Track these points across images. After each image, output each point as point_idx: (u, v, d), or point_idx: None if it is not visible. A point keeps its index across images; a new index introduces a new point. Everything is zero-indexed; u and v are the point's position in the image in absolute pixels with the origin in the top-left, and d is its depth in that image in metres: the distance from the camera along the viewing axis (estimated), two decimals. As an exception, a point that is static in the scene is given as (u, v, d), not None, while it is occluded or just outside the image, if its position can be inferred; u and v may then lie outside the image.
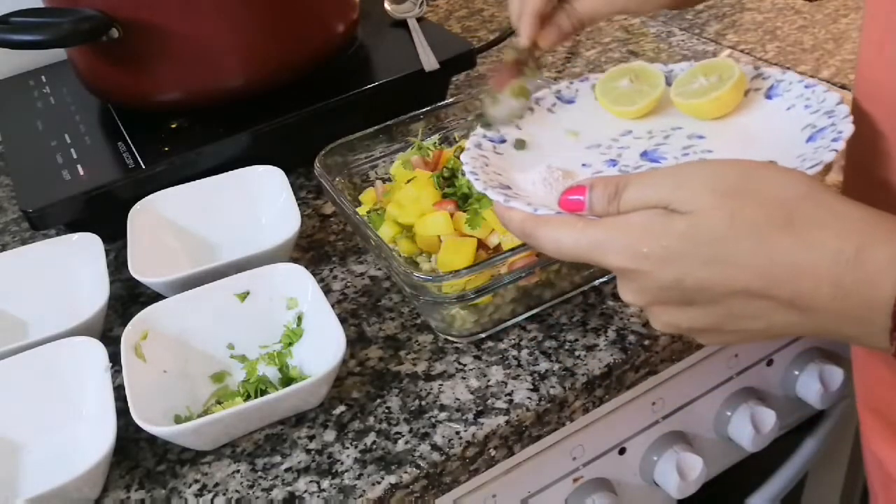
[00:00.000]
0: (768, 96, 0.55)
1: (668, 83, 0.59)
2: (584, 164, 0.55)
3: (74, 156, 0.75)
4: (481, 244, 0.59)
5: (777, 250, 0.37)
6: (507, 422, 0.55)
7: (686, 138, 0.54)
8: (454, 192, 0.63)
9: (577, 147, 0.57)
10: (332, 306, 0.57)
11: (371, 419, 0.56)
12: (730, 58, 0.59)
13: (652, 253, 0.39)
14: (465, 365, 0.59)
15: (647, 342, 0.59)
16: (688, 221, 0.39)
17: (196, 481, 0.53)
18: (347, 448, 0.54)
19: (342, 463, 0.53)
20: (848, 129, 0.47)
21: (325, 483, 0.52)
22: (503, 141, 0.58)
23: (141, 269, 0.62)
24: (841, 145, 0.46)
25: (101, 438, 0.51)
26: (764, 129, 0.53)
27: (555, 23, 0.58)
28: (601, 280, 0.64)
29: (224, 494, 0.52)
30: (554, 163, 0.54)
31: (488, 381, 0.57)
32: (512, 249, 0.56)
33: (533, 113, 0.60)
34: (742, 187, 0.39)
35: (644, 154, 0.54)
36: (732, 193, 0.38)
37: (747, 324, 0.40)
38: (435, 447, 0.53)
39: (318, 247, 0.72)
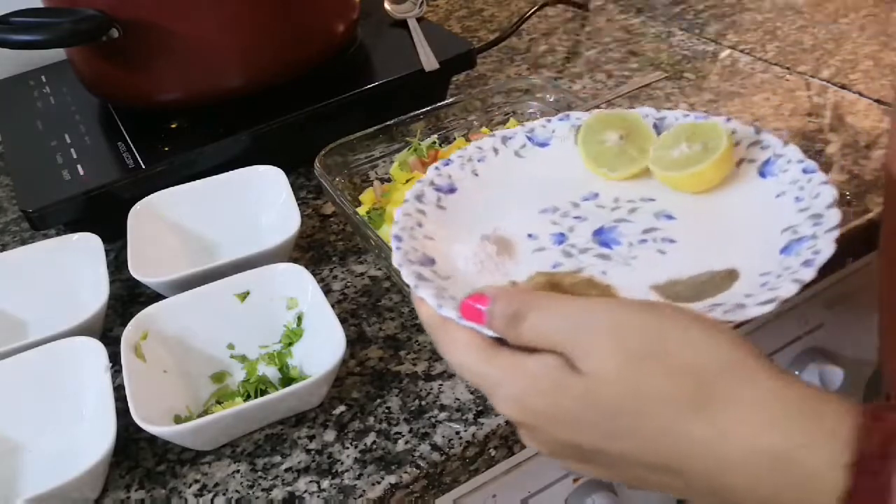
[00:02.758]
0: (762, 173, 0.48)
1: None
2: (529, 235, 0.48)
3: (74, 156, 0.75)
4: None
5: (686, 435, 0.33)
6: (508, 422, 0.55)
7: (653, 216, 0.48)
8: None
9: (532, 208, 0.50)
10: (332, 306, 0.57)
11: (371, 419, 0.56)
12: (724, 121, 0.49)
13: (545, 411, 0.35)
14: (465, 365, 0.59)
15: (647, 342, 0.59)
16: (586, 386, 0.34)
17: (196, 481, 0.53)
18: (347, 448, 0.54)
19: (342, 463, 0.53)
20: (828, 249, 0.40)
21: (325, 483, 0.52)
22: (452, 191, 0.52)
23: (141, 269, 0.62)
24: (810, 274, 0.39)
25: (101, 438, 0.50)
26: (744, 217, 0.46)
27: None
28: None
29: (224, 494, 0.52)
30: (500, 227, 0.49)
31: (488, 381, 0.57)
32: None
33: (497, 155, 0.54)
34: (651, 350, 0.33)
35: (598, 232, 0.47)
36: (640, 357, 0.33)
37: (650, 487, 0.36)
38: (435, 447, 0.53)
39: (318, 247, 0.72)
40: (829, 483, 0.31)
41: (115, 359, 0.55)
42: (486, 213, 0.50)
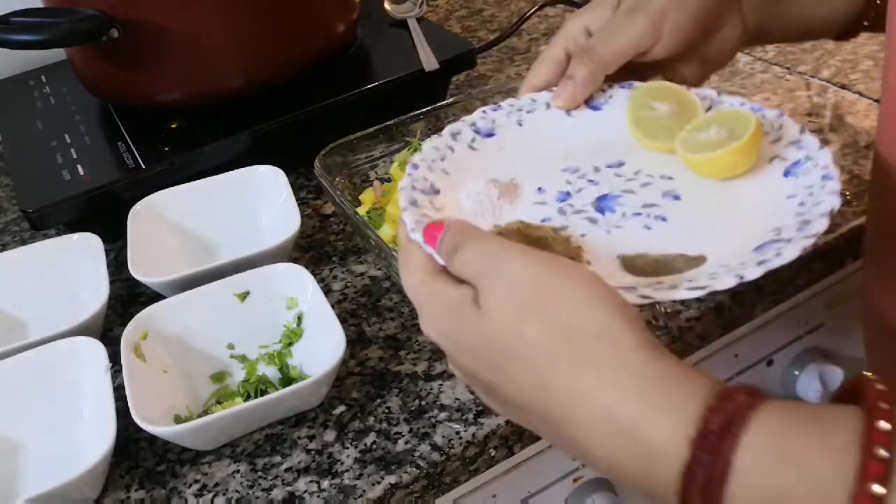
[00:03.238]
0: (786, 172, 0.47)
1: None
2: (539, 188, 0.49)
3: (74, 156, 0.75)
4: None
5: (552, 386, 0.35)
6: (507, 422, 0.55)
7: (661, 194, 0.48)
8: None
9: (556, 165, 0.51)
10: (332, 306, 0.57)
11: (371, 419, 0.56)
12: (778, 115, 0.49)
13: (451, 337, 0.39)
14: (465, 365, 0.59)
15: (647, 342, 0.59)
16: (479, 323, 0.37)
17: (196, 481, 0.53)
18: (347, 448, 0.54)
19: (342, 463, 0.53)
20: (790, 254, 0.39)
21: (325, 483, 0.52)
22: (490, 135, 0.53)
23: (141, 269, 0.62)
24: (756, 272, 0.39)
25: (101, 438, 0.50)
26: (747, 210, 0.46)
27: (571, 75, 0.53)
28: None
29: (224, 494, 0.52)
30: (517, 176, 0.50)
31: (488, 381, 0.57)
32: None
33: (548, 109, 0.55)
34: (536, 302, 0.35)
35: (601, 198, 0.48)
36: (524, 305, 0.35)
37: (535, 430, 0.39)
38: (435, 447, 0.53)
39: (318, 247, 0.72)
40: (672, 456, 0.32)
41: (115, 359, 0.55)
42: (511, 162, 0.51)
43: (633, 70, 0.55)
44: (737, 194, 0.47)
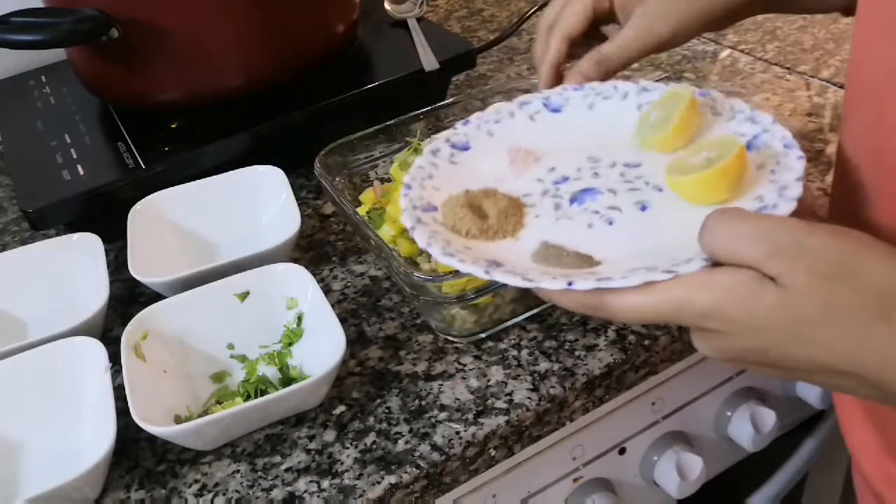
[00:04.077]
0: (748, 146, 0.49)
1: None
2: (552, 168, 0.53)
3: (74, 156, 0.75)
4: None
5: (868, 339, 0.37)
6: (507, 422, 0.55)
7: (633, 202, 0.49)
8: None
9: (582, 152, 0.54)
10: (332, 306, 0.57)
11: (371, 419, 0.56)
12: (713, 91, 0.52)
13: (739, 319, 0.38)
14: (465, 365, 0.59)
15: (646, 342, 0.59)
16: (780, 295, 0.37)
17: (196, 481, 0.53)
18: (347, 448, 0.54)
19: (342, 463, 0.53)
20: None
21: (325, 483, 0.52)
22: (466, 149, 0.56)
23: (141, 269, 0.62)
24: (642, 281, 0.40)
25: (101, 438, 0.51)
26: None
27: (578, 71, 0.56)
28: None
29: (224, 494, 0.52)
30: (542, 151, 0.54)
31: (488, 381, 0.57)
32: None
33: (533, 121, 0.58)
34: (840, 271, 0.37)
35: (584, 191, 0.51)
36: (829, 276, 0.37)
37: (827, 387, 0.41)
38: (435, 447, 0.53)
39: (318, 247, 0.72)
40: None
41: (115, 359, 0.55)
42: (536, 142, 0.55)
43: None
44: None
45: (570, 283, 0.41)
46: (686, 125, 0.51)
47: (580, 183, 0.51)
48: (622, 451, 0.70)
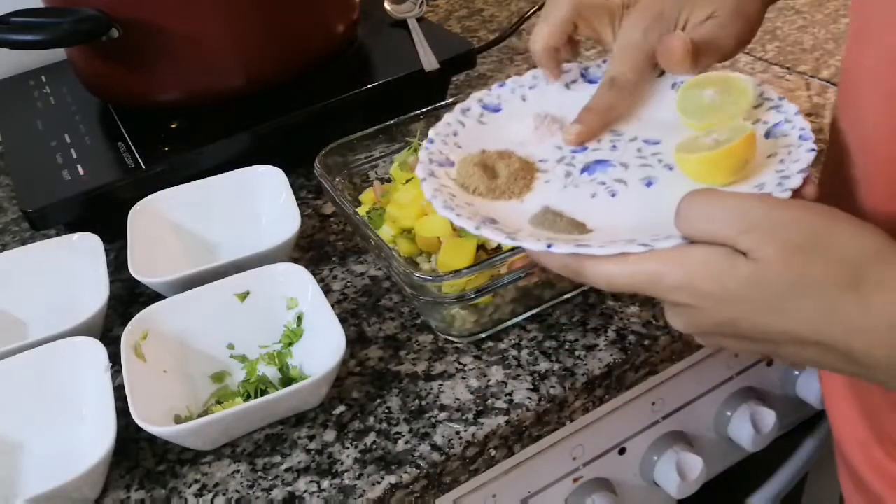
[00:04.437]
0: (767, 134, 0.49)
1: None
2: (557, 146, 0.54)
3: (74, 156, 0.75)
4: (481, 245, 0.59)
5: (837, 310, 0.37)
6: (507, 422, 0.55)
7: (640, 177, 0.50)
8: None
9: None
10: (332, 306, 0.57)
11: (371, 419, 0.56)
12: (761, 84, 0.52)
13: (711, 293, 0.39)
14: (465, 365, 0.59)
15: (646, 342, 0.59)
16: (752, 268, 0.38)
17: (196, 481, 0.53)
18: (347, 448, 0.54)
19: (342, 463, 0.53)
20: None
21: (325, 483, 0.52)
22: (497, 110, 0.57)
23: (141, 269, 0.62)
24: (600, 251, 0.42)
25: (101, 438, 0.51)
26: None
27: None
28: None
29: (224, 494, 0.52)
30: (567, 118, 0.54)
31: (488, 381, 0.57)
32: (511, 250, 0.56)
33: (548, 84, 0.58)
34: (811, 244, 0.37)
35: (597, 161, 0.52)
36: (801, 250, 0.37)
37: (797, 359, 0.41)
38: (435, 447, 0.53)
39: (318, 247, 0.72)
40: None
41: (115, 359, 0.55)
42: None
43: None
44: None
45: (549, 246, 0.42)
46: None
47: (596, 154, 0.53)
48: (622, 451, 0.70)
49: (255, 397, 0.56)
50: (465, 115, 0.56)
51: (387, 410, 0.56)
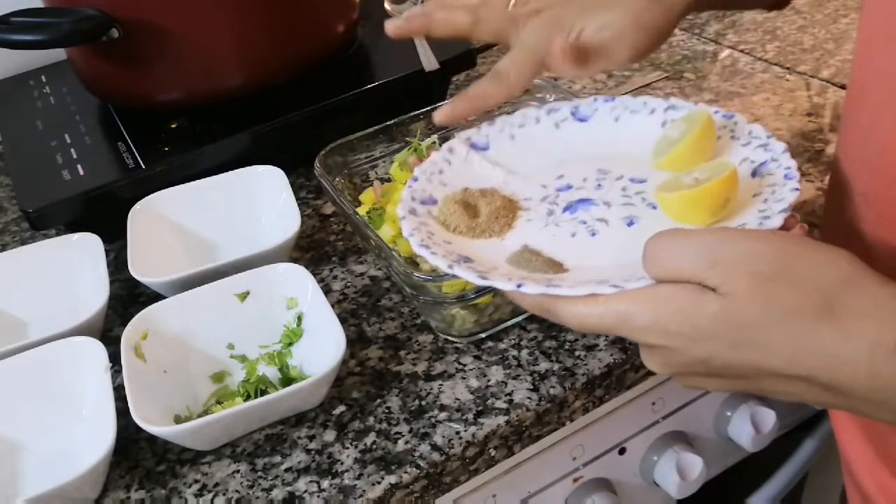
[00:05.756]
0: (753, 173, 0.49)
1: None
2: (560, 175, 0.55)
3: (74, 156, 0.75)
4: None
5: (812, 339, 0.36)
6: (507, 422, 0.55)
7: (622, 217, 0.50)
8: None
9: (593, 163, 0.55)
10: (332, 306, 0.57)
11: (371, 419, 0.56)
12: (739, 116, 0.52)
13: (680, 332, 0.38)
14: (465, 365, 0.59)
15: (647, 342, 0.59)
16: (721, 304, 0.37)
17: (196, 481, 0.53)
18: (347, 448, 0.54)
19: (342, 463, 0.53)
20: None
21: (325, 483, 0.52)
22: (486, 149, 0.58)
23: (141, 269, 0.62)
24: (578, 291, 0.42)
25: (101, 438, 0.50)
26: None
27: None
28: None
29: (224, 494, 0.52)
30: (564, 159, 0.55)
31: (488, 381, 0.57)
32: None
33: (538, 123, 0.59)
34: (780, 271, 0.37)
35: (580, 201, 0.52)
36: (770, 277, 0.37)
37: (777, 395, 0.40)
38: (435, 447, 0.53)
39: (318, 247, 0.72)
40: None
41: (115, 359, 0.55)
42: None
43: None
44: None
45: (519, 286, 0.42)
46: (697, 147, 0.51)
47: (581, 192, 0.53)
48: (622, 451, 0.70)
49: (255, 397, 0.56)
50: (452, 153, 0.57)
51: (387, 410, 0.56)
